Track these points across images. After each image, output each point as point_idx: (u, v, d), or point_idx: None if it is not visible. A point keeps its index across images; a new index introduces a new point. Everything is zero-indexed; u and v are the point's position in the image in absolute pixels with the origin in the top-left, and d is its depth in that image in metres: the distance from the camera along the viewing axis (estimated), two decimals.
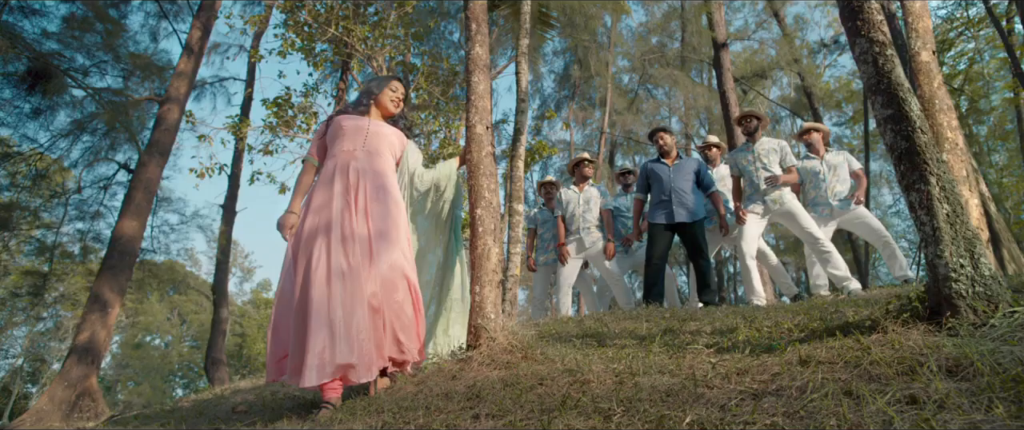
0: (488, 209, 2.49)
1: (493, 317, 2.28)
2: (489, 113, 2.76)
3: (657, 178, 4.42)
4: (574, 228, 4.90)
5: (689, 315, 3.20)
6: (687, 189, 4.29)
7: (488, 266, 2.37)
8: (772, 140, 4.32)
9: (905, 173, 1.79)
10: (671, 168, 4.41)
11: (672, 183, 4.30)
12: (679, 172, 4.37)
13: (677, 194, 4.28)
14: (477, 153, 2.60)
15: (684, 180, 4.31)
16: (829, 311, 2.40)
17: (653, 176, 4.46)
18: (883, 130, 1.90)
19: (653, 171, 4.47)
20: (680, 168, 4.40)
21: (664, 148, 4.47)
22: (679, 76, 14.29)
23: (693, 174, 4.37)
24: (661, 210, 4.33)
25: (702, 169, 4.41)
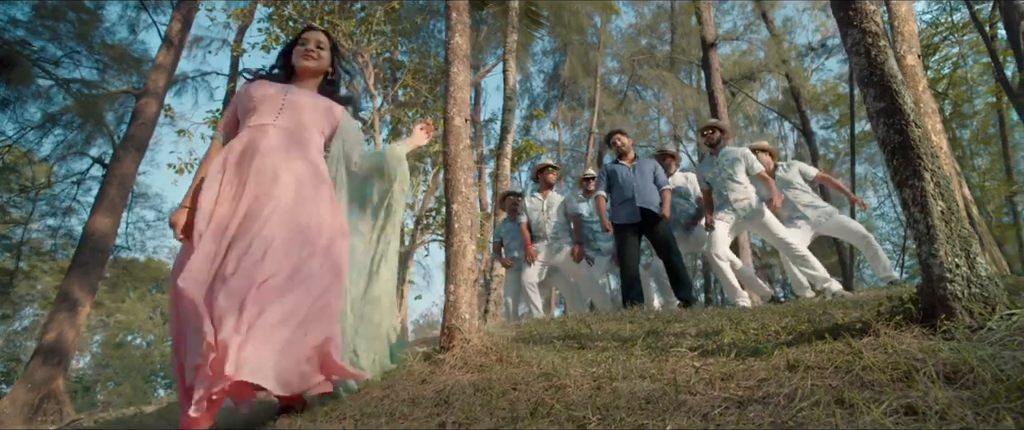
0: (465, 205, 2.38)
1: (467, 318, 2.17)
2: (467, 105, 2.66)
3: (618, 178, 4.40)
4: (540, 235, 4.89)
5: (673, 317, 3.11)
6: (649, 188, 4.30)
7: (463, 264, 2.26)
8: (735, 149, 4.26)
9: (898, 168, 1.71)
10: (632, 168, 4.39)
11: (634, 182, 4.30)
12: (639, 172, 4.36)
13: (640, 193, 4.26)
14: (455, 146, 2.49)
15: (645, 179, 4.33)
16: (817, 313, 2.32)
17: (614, 177, 4.45)
18: (875, 124, 1.82)
19: (614, 172, 4.47)
20: (639, 168, 4.41)
21: (621, 149, 4.51)
22: (668, 77, 14.29)
23: (651, 174, 4.38)
24: (626, 208, 4.29)
25: (658, 170, 4.43)
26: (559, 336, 3.04)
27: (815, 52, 16.99)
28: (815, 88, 17.83)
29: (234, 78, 9.91)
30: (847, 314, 2.09)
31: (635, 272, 4.20)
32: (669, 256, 4.14)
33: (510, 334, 3.50)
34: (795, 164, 4.53)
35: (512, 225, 5.29)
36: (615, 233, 4.41)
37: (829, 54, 17.42)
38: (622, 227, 4.32)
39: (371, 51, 9.99)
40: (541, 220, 4.89)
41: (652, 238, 4.26)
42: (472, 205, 2.40)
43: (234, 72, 9.96)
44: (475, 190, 14.43)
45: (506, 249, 5.33)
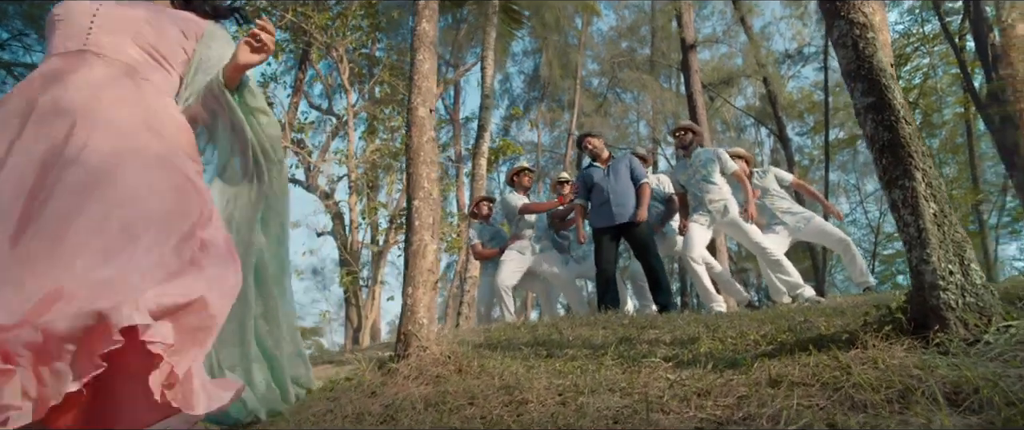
0: (427, 201, 2.20)
1: (426, 323, 2.00)
2: (433, 96, 2.48)
3: (594, 182, 4.28)
4: (525, 234, 4.74)
5: (648, 322, 2.98)
6: (625, 189, 4.16)
7: (423, 265, 2.09)
8: (707, 150, 4.18)
9: (887, 167, 1.59)
10: (605, 169, 4.27)
11: (609, 185, 4.18)
12: (614, 173, 4.24)
13: (616, 195, 4.13)
14: (418, 138, 2.32)
15: (620, 181, 4.19)
16: (797, 321, 2.20)
17: (590, 181, 4.33)
18: (863, 120, 1.70)
19: (590, 176, 4.35)
20: (614, 168, 4.28)
21: (593, 152, 4.39)
22: (648, 80, 14.29)
23: (627, 171, 4.25)
24: (603, 214, 4.17)
25: (633, 164, 4.29)
26: (528, 342, 2.88)
27: (792, 59, 17.20)
28: (791, 95, 18.05)
29: None
30: (830, 323, 1.98)
31: (611, 275, 4.08)
32: (648, 259, 4.02)
33: (478, 339, 3.34)
34: (771, 170, 4.47)
35: (486, 227, 5.15)
36: (593, 236, 4.29)
37: (805, 62, 17.67)
38: (598, 230, 4.19)
39: (346, 45, 9.73)
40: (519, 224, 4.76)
41: (631, 240, 4.14)
42: (435, 202, 2.23)
43: None
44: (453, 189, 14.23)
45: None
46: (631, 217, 4.05)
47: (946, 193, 1.47)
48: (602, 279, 4.07)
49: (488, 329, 3.61)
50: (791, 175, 4.46)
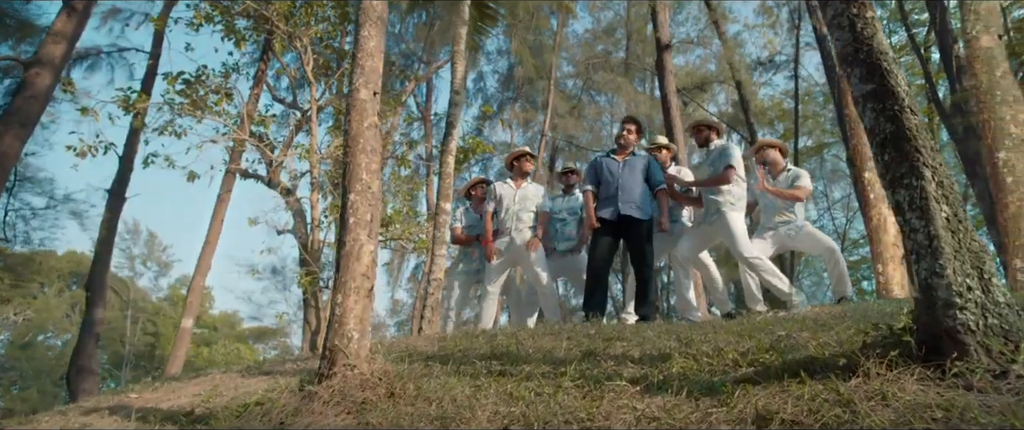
0: (365, 195, 1.91)
1: (356, 337, 1.70)
2: (378, 76, 2.19)
3: (606, 173, 4.01)
4: (507, 228, 4.32)
5: (616, 333, 2.74)
6: (636, 187, 3.90)
7: (357, 268, 1.79)
8: (717, 143, 3.99)
9: (890, 164, 1.37)
10: (622, 164, 4.01)
11: (620, 179, 3.91)
12: (629, 169, 3.98)
13: (624, 191, 3.87)
14: (358, 123, 2.02)
15: (633, 178, 3.93)
16: (779, 336, 1.98)
17: (602, 170, 4.05)
18: (862, 110, 1.48)
19: (603, 165, 4.07)
20: (631, 165, 4.01)
21: (623, 142, 4.07)
22: (622, 82, 14.19)
23: (642, 172, 3.98)
24: (607, 206, 3.91)
25: (652, 166, 4.03)
26: (484, 355, 2.61)
27: (763, 66, 17.35)
28: (763, 102, 18.22)
29: (156, 56, 9.01)
30: (816, 339, 1.76)
31: (602, 275, 3.80)
32: (642, 267, 3.79)
33: (431, 349, 3.05)
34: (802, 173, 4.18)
35: (475, 218, 4.78)
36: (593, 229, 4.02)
37: (776, 70, 17.85)
38: (603, 222, 3.91)
39: (310, 35, 9.30)
40: (512, 211, 4.33)
41: (629, 243, 3.86)
42: (375, 197, 1.94)
43: (157, 50, 9.05)
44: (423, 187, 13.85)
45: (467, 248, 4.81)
46: (636, 214, 3.80)
47: (959, 194, 1.25)
48: (591, 278, 3.80)
49: (445, 338, 3.32)
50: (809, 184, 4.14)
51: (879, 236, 8.26)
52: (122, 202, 7.71)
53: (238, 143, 8.79)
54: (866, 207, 8.55)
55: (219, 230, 8.41)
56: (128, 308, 29.89)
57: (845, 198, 17.52)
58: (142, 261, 33.84)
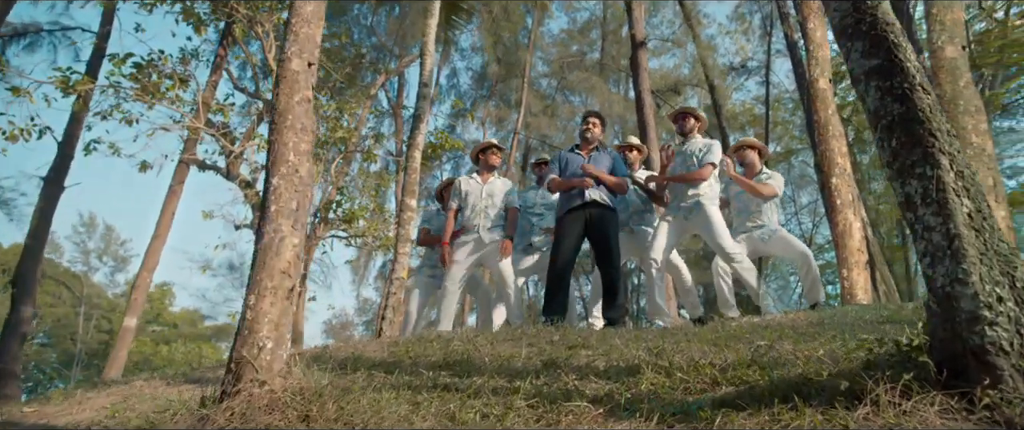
0: (290, 179, 1.63)
1: (270, 346, 1.42)
2: (315, 45, 1.92)
3: (570, 166, 3.84)
4: (472, 224, 4.04)
5: (581, 340, 2.51)
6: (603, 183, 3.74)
7: (276, 265, 1.52)
8: (704, 139, 3.81)
9: (899, 151, 1.17)
10: (586, 158, 3.82)
11: None
12: (594, 163, 3.80)
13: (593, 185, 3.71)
14: (287, 98, 1.74)
15: (598, 167, 3.76)
16: (759, 347, 1.78)
17: (566, 164, 3.88)
18: (864, 90, 1.28)
19: (568, 159, 3.89)
20: (595, 160, 3.83)
21: (588, 136, 3.91)
22: (596, 82, 14.08)
23: (607, 167, 3.81)
24: (569, 199, 3.72)
25: (617, 161, 3.86)
26: (435, 363, 2.35)
27: (735, 71, 17.50)
28: (734, 107, 18.37)
29: (105, 37, 8.45)
30: (803, 353, 1.55)
31: (564, 272, 3.58)
32: (607, 268, 3.57)
33: (377, 355, 2.78)
34: (776, 175, 4.08)
35: (440, 216, 4.52)
36: (556, 225, 3.79)
37: (749, 75, 18.04)
38: (564, 216, 3.70)
39: (272, 21, 8.87)
40: (478, 207, 4.06)
41: (594, 241, 3.65)
42: (303, 182, 1.66)
43: (106, 28, 8.48)
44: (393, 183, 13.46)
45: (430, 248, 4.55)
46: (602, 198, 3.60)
47: (981, 187, 1.05)
48: (554, 275, 3.57)
49: (397, 343, 3.05)
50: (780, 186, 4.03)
51: (844, 241, 8.28)
52: (60, 191, 7.17)
53: (193, 132, 8.31)
54: (832, 212, 8.57)
55: (169, 223, 7.93)
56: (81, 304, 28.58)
57: (812, 203, 17.82)
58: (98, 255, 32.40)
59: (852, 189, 8.55)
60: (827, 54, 9.92)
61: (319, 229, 10.11)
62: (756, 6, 17.76)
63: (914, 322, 2.41)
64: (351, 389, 1.59)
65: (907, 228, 1.12)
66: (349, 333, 29.72)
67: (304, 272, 10.50)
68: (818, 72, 9.37)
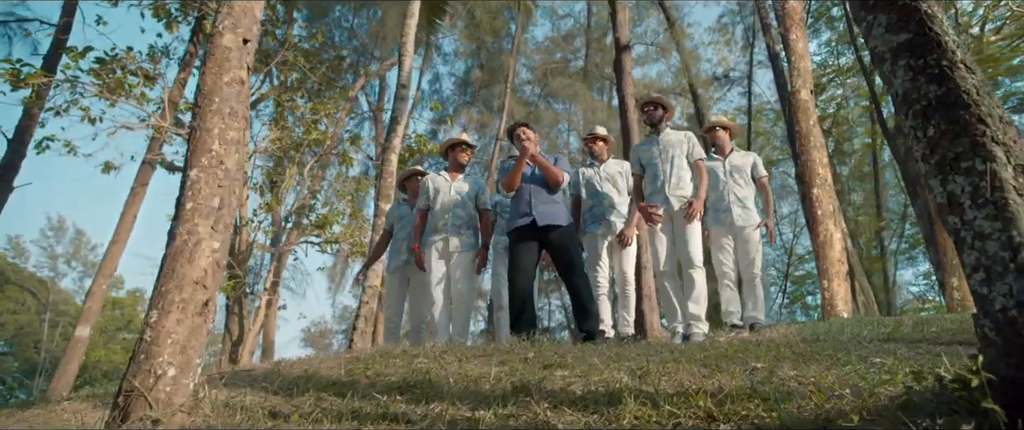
0: (212, 173, 1.38)
1: (172, 373, 1.16)
2: (253, 20, 1.66)
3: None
4: (441, 224, 3.79)
5: (557, 359, 2.28)
6: (549, 189, 3.48)
7: (188, 273, 1.26)
8: (679, 132, 3.61)
9: (938, 141, 0.96)
10: (533, 167, 3.56)
11: (532, 185, 3.48)
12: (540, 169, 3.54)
13: (539, 196, 3.44)
14: (215, 76, 1.49)
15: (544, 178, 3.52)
16: (757, 372, 1.56)
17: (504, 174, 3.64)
18: (890, 70, 1.07)
19: (511, 169, 3.59)
20: None
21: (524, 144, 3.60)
22: (580, 88, 13.96)
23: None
24: (517, 214, 3.47)
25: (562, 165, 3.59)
26: (392, 386, 2.10)
27: (718, 82, 17.54)
28: None
29: (65, 30, 8.04)
30: (805, 379, 1.33)
31: (527, 289, 3.35)
32: (572, 277, 3.32)
33: (335, 373, 2.51)
34: (753, 154, 3.93)
35: (407, 210, 4.25)
36: (510, 242, 3.54)
37: (731, 85, 18.11)
38: (513, 234, 3.46)
39: None
40: (447, 206, 3.82)
41: (551, 251, 3.40)
42: (230, 175, 1.41)
43: (67, 18, 8.08)
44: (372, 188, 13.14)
45: (393, 241, 4.26)
46: (553, 219, 3.36)
47: None
48: (516, 295, 3.33)
49: (357, 359, 2.78)
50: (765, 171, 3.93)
51: (825, 252, 8.23)
52: (8, 191, 6.74)
53: (159, 132, 7.92)
54: (813, 223, 8.51)
55: (130, 228, 7.52)
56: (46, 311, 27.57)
57: (792, 214, 17.90)
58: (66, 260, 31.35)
59: (833, 200, 8.50)
60: (808, 66, 9.91)
61: (292, 235, 9.75)
62: (738, 17, 17.90)
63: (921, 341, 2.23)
64: (281, 424, 1.33)
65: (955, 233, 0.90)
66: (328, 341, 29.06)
67: (276, 280, 10.11)
68: (800, 83, 9.35)
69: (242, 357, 7.10)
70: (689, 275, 3.32)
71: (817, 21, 16.28)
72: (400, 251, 4.13)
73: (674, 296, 3.37)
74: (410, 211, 4.22)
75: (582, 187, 3.97)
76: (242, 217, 8.16)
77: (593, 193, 3.89)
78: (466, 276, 3.75)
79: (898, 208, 16.04)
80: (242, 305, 7.64)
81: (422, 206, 3.87)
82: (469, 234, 3.82)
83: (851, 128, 16.16)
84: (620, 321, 3.89)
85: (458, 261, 3.77)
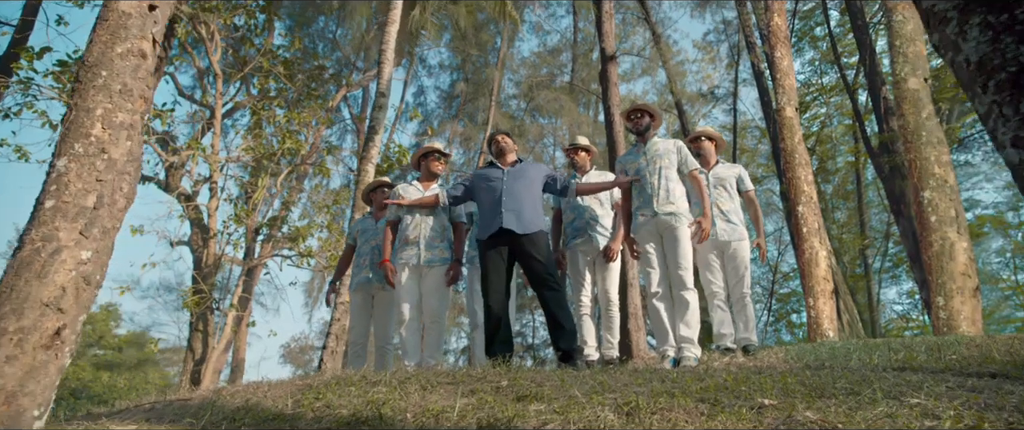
0: (89, 163, 1.08)
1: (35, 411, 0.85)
2: None
3: (486, 183, 3.29)
4: (413, 237, 3.50)
5: (533, 389, 1.98)
6: (525, 194, 3.18)
7: (36, 291, 0.95)
8: (667, 141, 3.36)
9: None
10: (505, 171, 3.27)
11: (503, 186, 3.19)
12: (517, 177, 3.25)
13: (511, 197, 3.15)
14: (103, 47, 1.20)
15: (522, 187, 3.21)
16: (765, 411, 1.28)
17: (481, 183, 3.32)
18: (957, 32, 0.82)
19: (483, 176, 3.34)
20: (520, 173, 3.28)
21: (500, 147, 3.38)
22: (565, 102, 13.82)
23: (540, 180, 3.30)
24: (486, 223, 3.19)
25: (556, 175, 3.36)
26: (342, 421, 1.79)
27: (703, 99, 17.56)
28: None
29: (27, 28, 7.67)
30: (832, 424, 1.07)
31: (501, 307, 3.04)
32: (544, 289, 3.02)
33: (281, 405, 2.18)
34: (739, 167, 3.74)
35: (371, 223, 3.93)
36: (479, 254, 3.25)
37: (716, 103, 18.15)
38: (483, 245, 3.17)
39: (219, 21, 8.22)
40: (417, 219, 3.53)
41: (522, 260, 3.11)
42: (114, 168, 1.11)
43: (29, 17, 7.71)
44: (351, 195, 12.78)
45: (357, 256, 3.93)
46: (521, 228, 3.07)
47: None
48: (490, 314, 3.04)
49: (310, 385, 2.45)
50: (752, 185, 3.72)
51: (811, 270, 8.08)
52: None
53: None
54: (799, 241, 8.38)
55: None
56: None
57: (777, 231, 17.86)
58: None
59: (818, 218, 8.38)
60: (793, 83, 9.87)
61: (266, 248, 9.35)
62: (723, 36, 18.01)
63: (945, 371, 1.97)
64: None
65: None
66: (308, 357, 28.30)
67: (247, 295, 9.66)
68: (785, 100, 9.28)
69: (205, 377, 6.67)
70: (681, 296, 3.05)
71: (800, 41, 16.43)
72: (363, 266, 3.83)
73: (666, 317, 3.09)
74: (375, 224, 3.92)
75: (563, 200, 3.72)
76: (210, 229, 7.77)
77: (574, 206, 3.62)
78: (438, 292, 3.46)
79: (881, 227, 16.08)
80: (207, 322, 7.22)
81: (392, 217, 3.59)
82: (442, 247, 3.54)
83: (834, 146, 16.22)
84: (604, 343, 3.61)
85: (429, 276, 3.48)
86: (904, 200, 11.93)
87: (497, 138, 3.38)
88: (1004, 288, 14.32)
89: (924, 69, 9.58)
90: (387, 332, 3.84)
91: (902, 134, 11.58)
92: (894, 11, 9.51)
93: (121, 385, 23.95)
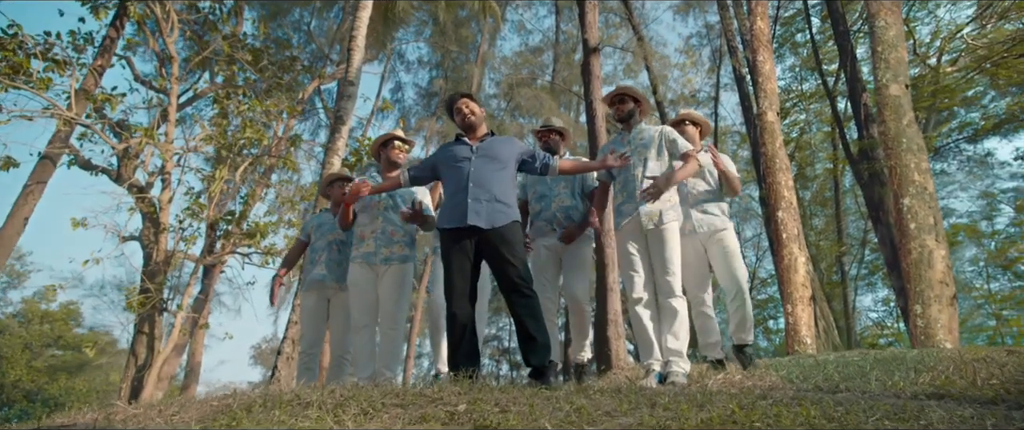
0: None
1: None
2: None
3: (452, 163, 2.73)
4: (368, 232, 3.11)
5: (495, 416, 1.61)
6: (494, 181, 2.67)
7: None
8: (652, 127, 2.99)
9: None
10: (474, 148, 2.75)
11: (470, 169, 2.67)
12: (486, 158, 2.71)
13: (478, 187, 2.63)
14: None
15: (493, 170, 2.68)
16: None
17: (446, 160, 2.77)
18: None
19: (449, 152, 2.78)
20: (490, 151, 2.74)
21: (466, 120, 2.79)
22: (546, 100, 13.52)
23: (512, 161, 2.76)
24: (450, 211, 2.68)
25: (534, 152, 2.84)
26: None
27: (685, 102, 17.45)
28: None
29: None
30: None
31: (465, 315, 2.57)
32: (514, 297, 2.54)
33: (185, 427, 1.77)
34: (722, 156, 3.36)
35: (328, 217, 3.54)
36: (441, 248, 2.80)
37: (697, 107, 18.08)
38: (446, 238, 2.68)
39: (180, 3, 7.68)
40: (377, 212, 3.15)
41: (492, 263, 2.63)
42: None
43: None
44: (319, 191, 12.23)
45: (310, 252, 3.52)
46: (489, 223, 2.61)
47: None
48: (453, 322, 2.58)
49: (228, 407, 2.04)
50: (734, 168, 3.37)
51: (789, 276, 7.87)
52: None
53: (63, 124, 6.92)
54: (778, 246, 8.18)
55: (19, 231, 6.50)
56: None
57: (755, 237, 17.83)
58: None
59: (797, 223, 8.19)
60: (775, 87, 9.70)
61: (226, 246, 8.79)
62: (706, 40, 17.95)
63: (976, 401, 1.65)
64: None
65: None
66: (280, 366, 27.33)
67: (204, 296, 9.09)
68: (767, 105, 9.09)
69: (147, 385, 6.13)
70: (668, 304, 2.69)
71: (781, 46, 16.42)
72: (317, 263, 3.41)
73: (650, 327, 2.72)
74: (332, 219, 3.51)
75: (528, 188, 3.33)
76: (161, 223, 7.21)
77: (540, 195, 3.22)
78: (395, 295, 3.06)
79: (858, 234, 16.13)
80: (154, 324, 6.66)
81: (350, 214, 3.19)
82: (402, 244, 3.15)
83: (813, 153, 16.24)
84: (575, 347, 3.25)
85: (387, 277, 3.09)
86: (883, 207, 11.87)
87: (460, 106, 2.80)
88: (977, 297, 14.44)
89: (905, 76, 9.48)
90: (343, 340, 3.43)
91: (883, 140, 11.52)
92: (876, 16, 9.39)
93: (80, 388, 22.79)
